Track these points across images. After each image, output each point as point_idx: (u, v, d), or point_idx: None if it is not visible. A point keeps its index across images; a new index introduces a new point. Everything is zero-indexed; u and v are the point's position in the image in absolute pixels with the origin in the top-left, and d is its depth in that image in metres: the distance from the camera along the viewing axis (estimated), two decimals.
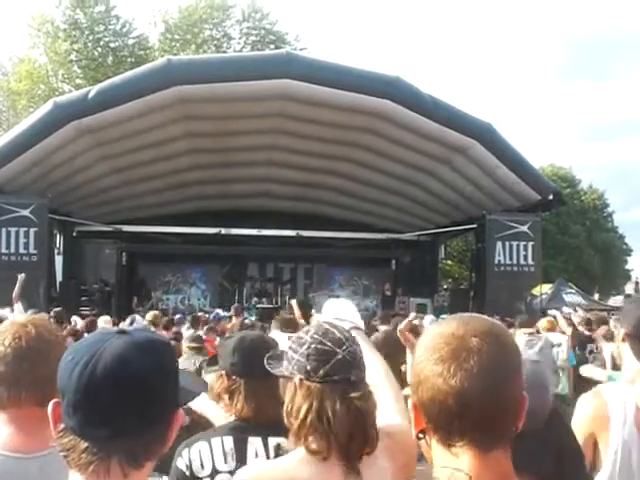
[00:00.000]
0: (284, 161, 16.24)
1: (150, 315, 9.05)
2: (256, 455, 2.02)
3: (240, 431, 2.06)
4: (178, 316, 11.11)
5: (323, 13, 66.13)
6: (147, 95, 12.84)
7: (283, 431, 1.72)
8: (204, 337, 7.20)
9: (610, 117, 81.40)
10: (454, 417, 1.05)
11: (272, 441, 1.99)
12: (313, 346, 1.58)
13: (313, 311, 5.53)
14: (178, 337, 7.58)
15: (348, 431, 1.52)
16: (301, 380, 1.57)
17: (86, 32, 28.22)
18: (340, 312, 2.06)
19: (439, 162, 15.26)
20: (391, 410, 1.81)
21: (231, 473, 1.96)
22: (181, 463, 2.00)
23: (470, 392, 1.03)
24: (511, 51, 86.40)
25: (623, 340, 2.19)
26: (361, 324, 2.06)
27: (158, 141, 14.53)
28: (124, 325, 9.49)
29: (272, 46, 28.69)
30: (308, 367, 1.57)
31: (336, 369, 1.56)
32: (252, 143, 15.52)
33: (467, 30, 76.47)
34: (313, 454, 1.54)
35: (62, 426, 1.07)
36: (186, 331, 8.51)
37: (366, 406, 1.55)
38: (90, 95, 13.03)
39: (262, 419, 2.04)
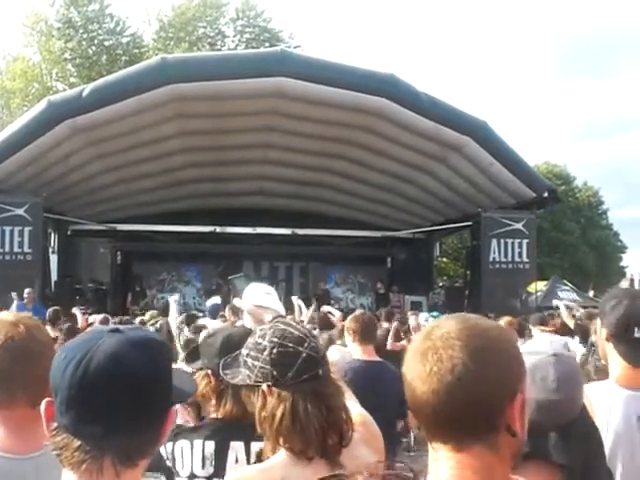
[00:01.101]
0: (279, 159, 16.22)
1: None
2: (236, 461, 1.98)
3: (223, 434, 2.02)
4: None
5: (317, 11, 66.17)
6: (141, 93, 12.80)
7: None
8: None
9: (605, 115, 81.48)
10: (424, 414, 1.10)
11: (255, 446, 1.93)
12: (275, 350, 1.54)
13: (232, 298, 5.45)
14: None
15: (323, 429, 1.51)
16: (269, 387, 1.55)
17: (80, 30, 28.13)
18: (261, 299, 2.04)
19: (434, 160, 15.26)
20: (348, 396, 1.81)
21: (208, 479, 1.95)
22: (162, 450, 1.97)
23: (430, 393, 1.07)
24: (507, 49, 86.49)
25: (607, 340, 2.18)
26: (283, 311, 2.04)
27: (152, 139, 14.49)
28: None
29: (266, 44, 28.64)
30: (275, 372, 1.53)
31: (303, 368, 1.53)
32: (247, 141, 15.49)
33: (462, 27, 76.57)
34: (297, 455, 1.53)
35: (55, 424, 1.06)
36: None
37: (336, 401, 1.54)
38: (84, 93, 12.98)
39: (251, 420, 2.03)
